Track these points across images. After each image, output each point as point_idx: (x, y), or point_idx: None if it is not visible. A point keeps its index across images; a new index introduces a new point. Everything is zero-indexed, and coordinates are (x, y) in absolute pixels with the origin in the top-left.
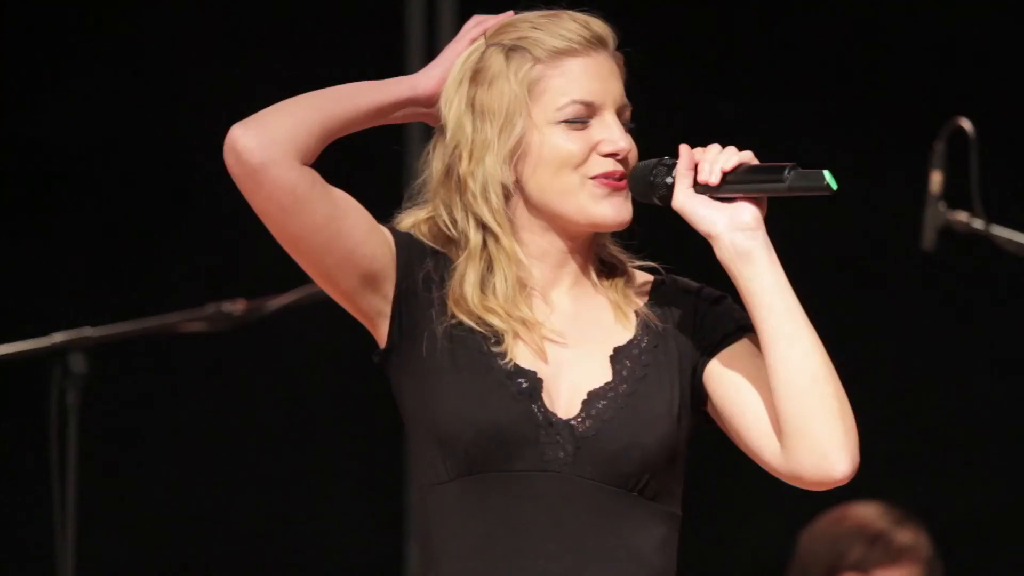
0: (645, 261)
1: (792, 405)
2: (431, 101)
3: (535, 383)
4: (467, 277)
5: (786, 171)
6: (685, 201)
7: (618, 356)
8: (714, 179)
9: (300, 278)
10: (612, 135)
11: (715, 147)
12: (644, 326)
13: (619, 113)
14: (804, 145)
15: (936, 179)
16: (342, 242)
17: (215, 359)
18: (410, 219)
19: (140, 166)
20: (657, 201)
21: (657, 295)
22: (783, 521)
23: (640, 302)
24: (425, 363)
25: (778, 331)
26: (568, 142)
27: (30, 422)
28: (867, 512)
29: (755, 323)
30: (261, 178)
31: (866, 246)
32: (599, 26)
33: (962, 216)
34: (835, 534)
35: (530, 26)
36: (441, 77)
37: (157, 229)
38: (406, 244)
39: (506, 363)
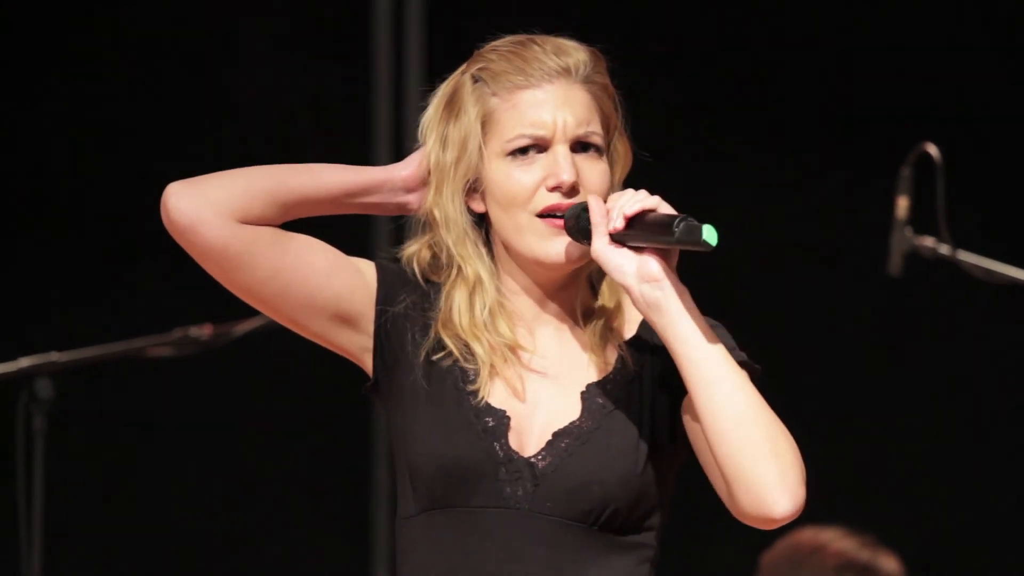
0: None
1: (722, 450)
2: (409, 184)
3: (502, 422)
4: (455, 300)
5: (675, 223)
6: (600, 249)
7: (589, 392)
8: (618, 224)
9: None
10: (556, 168)
11: (627, 192)
12: (623, 360)
13: (581, 141)
14: (773, 171)
15: (902, 204)
16: (296, 290)
17: (182, 381)
18: (414, 246)
19: (106, 191)
20: (587, 245)
21: (645, 326)
22: (755, 544)
23: (625, 335)
24: (405, 396)
25: (697, 379)
26: (514, 176)
27: None
28: (842, 543)
29: (680, 371)
30: (191, 238)
31: (837, 264)
32: (568, 54)
33: (928, 241)
34: (815, 569)
35: (496, 56)
36: (420, 162)
37: (124, 254)
38: (389, 278)
39: (477, 401)
